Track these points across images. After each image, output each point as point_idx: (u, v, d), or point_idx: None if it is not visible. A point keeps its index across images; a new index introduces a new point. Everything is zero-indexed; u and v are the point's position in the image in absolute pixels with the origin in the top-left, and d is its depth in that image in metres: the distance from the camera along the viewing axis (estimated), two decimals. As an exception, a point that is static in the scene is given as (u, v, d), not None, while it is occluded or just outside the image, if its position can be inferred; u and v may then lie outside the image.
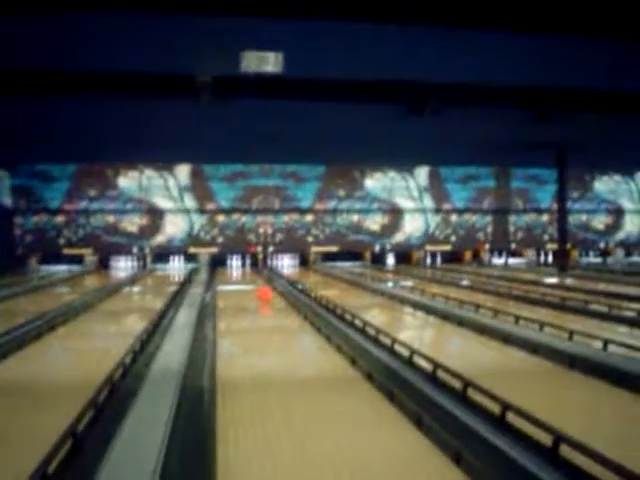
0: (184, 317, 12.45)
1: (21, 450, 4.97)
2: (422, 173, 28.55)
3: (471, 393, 6.17)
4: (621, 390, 6.61)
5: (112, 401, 6.34)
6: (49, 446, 4.56)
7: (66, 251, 26.25)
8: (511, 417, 5.34)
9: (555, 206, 27.37)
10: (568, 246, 26.28)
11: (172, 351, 8.85)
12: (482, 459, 4.40)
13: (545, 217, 30.22)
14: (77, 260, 26.93)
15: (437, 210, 29.04)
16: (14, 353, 8.88)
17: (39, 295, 17.70)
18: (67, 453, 4.76)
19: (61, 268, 26.52)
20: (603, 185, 30.78)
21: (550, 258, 30.60)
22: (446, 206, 28.97)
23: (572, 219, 29.41)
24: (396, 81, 13.44)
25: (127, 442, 5.07)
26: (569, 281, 20.63)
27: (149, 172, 26.23)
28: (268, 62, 10.50)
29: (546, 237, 30.27)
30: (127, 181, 26.17)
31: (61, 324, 11.63)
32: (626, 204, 31.11)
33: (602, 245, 31.11)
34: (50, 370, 8.39)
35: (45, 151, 22.10)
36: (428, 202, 28.77)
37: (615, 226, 31.15)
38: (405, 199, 28.56)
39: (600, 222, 31.00)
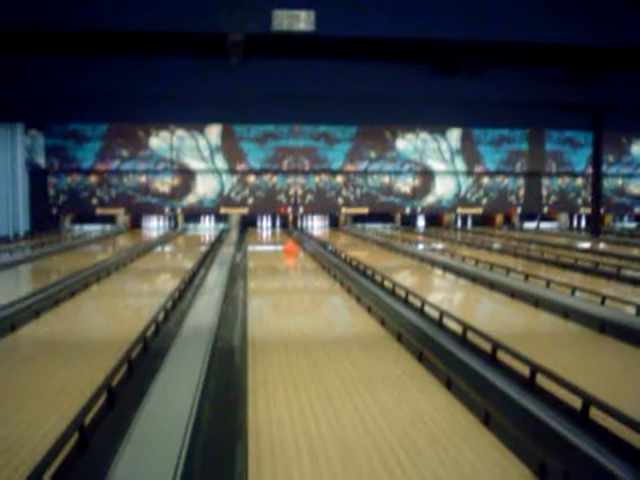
0: (215, 277, 12.58)
1: (58, 403, 5.11)
2: (454, 135, 28.16)
3: (501, 355, 6.17)
4: None
5: (145, 358, 6.48)
6: (84, 400, 4.70)
7: (99, 211, 26.59)
8: (540, 379, 5.35)
9: (590, 170, 26.85)
10: (602, 210, 25.84)
11: (203, 310, 8.98)
12: (510, 420, 4.42)
13: (579, 181, 29.69)
14: (109, 220, 27.33)
15: (469, 172, 28.68)
16: (50, 310, 9.09)
17: (73, 254, 18.03)
18: (102, 406, 4.89)
19: (94, 228, 26.94)
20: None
21: (583, 223, 30.16)
22: (478, 168, 28.59)
23: (607, 183, 28.84)
24: (430, 40, 13.17)
25: (160, 398, 5.18)
26: (602, 246, 20.35)
27: (180, 132, 26.28)
28: (299, 20, 10.36)
29: (580, 201, 29.78)
30: (158, 141, 26.27)
31: (94, 282, 11.86)
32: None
33: (637, 210, 30.50)
34: (84, 327, 8.59)
35: (77, 111, 22.25)
36: (460, 164, 28.42)
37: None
38: (437, 161, 28.25)
39: (636, 186, 30.35)
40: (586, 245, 20.51)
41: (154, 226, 27.76)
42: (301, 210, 27.84)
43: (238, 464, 3.81)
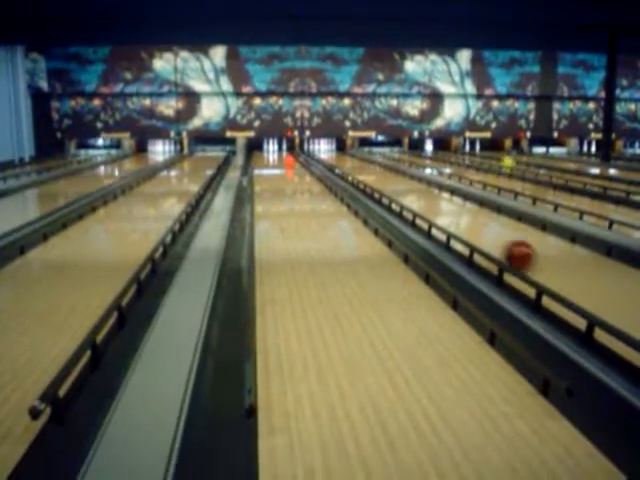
0: (222, 200, 12.57)
1: (68, 324, 5.19)
2: (464, 56, 27.46)
3: (507, 278, 6.20)
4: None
5: (154, 279, 6.54)
6: (95, 320, 4.76)
7: (104, 135, 26.37)
8: (546, 301, 5.38)
9: (602, 94, 26.26)
10: (613, 136, 25.43)
11: (211, 233, 9.01)
12: (516, 340, 4.47)
13: (591, 105, 29.10)
14: (115, 144, 27.13)
15: (478, 95, 28.12)
16: (58, 233, 9.13)
17: (79, 178, 17.98)
18: (113, 326, 4.97)
19: (99, 152, 26.78)
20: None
21: (593, 148, 29.76)
22: (488, 91, 28.02)
23: (619, 108, 28.28)
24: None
25: (169, 318, 5.26)
26: (612, 171, 20.15)
27: (184, 54, 25.70)
28: None
29: (590, 126, 29.28)
30: (162, 63, 25.72)
31: (102, 206, 11.87)
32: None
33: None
34: (93, 250, 8.64)
35: (78, 33, 21.73)
36: (469, 87, 27.83)
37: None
38: (446, 83, 27.66)
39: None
40: (595, 170, 20.31)
41: (160, 150, 27.57)
42: (308, 133, 27.52)
43: (247, 381, 3.89)
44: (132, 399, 3.77)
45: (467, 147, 29.44)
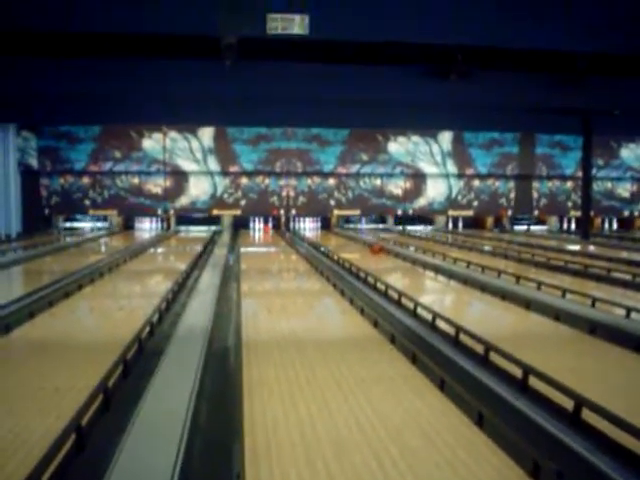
0: (208, 278, 12.62)
1: (53, 405, 5.14)
2: (446, 137, 28.28)
3: (493, 357, 6.25)
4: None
5: (140, 359, 6.51)
6: (81, 401, 4.73)
7: (92, 212, 26.58)
8: (533, 381, 5.42)
9: (579, 173, 27.02)
10: (591, 213, 26.02)
11: (198, 311, 9.02)
12: (504, 421, 4.49)
13: (569, 184, 29.88)
14: (102, 220, 27.35)
15: (460, 175, 28.82)
16: (44, 311, 9.10)
17: (65, 255, 17.99)
18: (98, 408, 4.93)
19: (87, 229, 26.92)
20: (629, 152, 30.25)
21: (573, 225, 30.37)
22: (469, 171, 28.73)
23: (596, 186, 29.07)
24: (423, 44, 13.26)
25: (156, 399, 5.22)
26: (592, 248, 20.51)
27: (173, 134, 26.27)
28: (294, 24, 10.42)
29: (569, 204, 29.97)
30: (151, 143, 26.24)
31: (88, 284, 11.87)
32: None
33: (626, 213, 30.72)
34: (79, 328, 8.59)
35: (70, 113, 22.17)
36: (451, 167, 28.54)
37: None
38: (428, 164, 28.36)
39: (624, 190, 30.58)
40: (576, 248, 20.66)
41: (146, 227, 27.75)
42: (293, 212, 27.90)
43: (235, 464, 3.86)
44: (118, 484, 3.72)
45: (450, 225, 29.93)
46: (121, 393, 5.38)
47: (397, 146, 27.99)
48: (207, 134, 26.53)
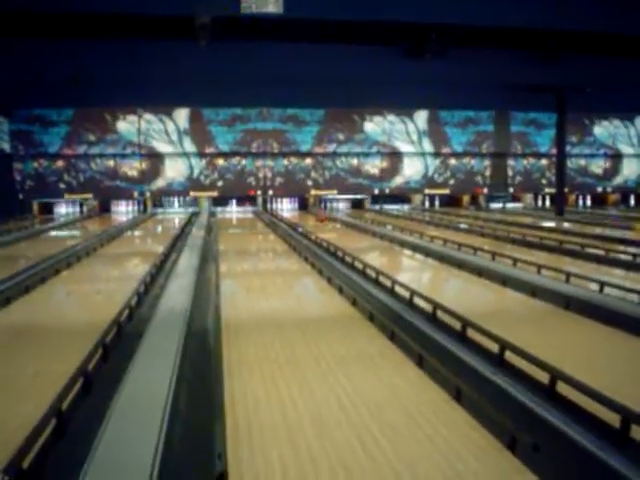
0: (186, 260, 12.57)
1: (33, 390, 5.12)
2: (421, 116, 28.30)
3: (470, 333, 6.32)
4: (615, 329, 6.78)
5: (120, 342, 6.49)
6: (60, 386, 4.71)
7: (67, 196, 26.26)
8: (509, 355, 5.50)
9: (554, 150, 27.24)
10: (565, 190, 26.29)
11: (176, 294, 8.99)
12: (481, 396, 4.56)
13: (544, 161, 30.12)
14: (78, 205, 27.06)
15: (436, 154, 28.91)
16: (21, 297, 9.02)
17: (42, 240, 17.80)
18: (79, 391, 4.92)
19: (62, 212, 26.63)
20: (602, 129, 30.54)
21: (548, 202, 30.68)
22: (445, 150, 28.82)
23: (570, 163, 29.36)
24: (397, 22, 13.24)
25: (136, 381, 5.22)
26: (566, 225, 20.75)
27: (148, 116, 25.96)
28: (268, 3, 10.33)
29: (544, 181, 30.23)
30: (126, 125, 25.93)
31: (65, 268, 11.77)
32: (625, 149, 30.94)
33: (599, 190, 31.09)
34: (57, 313, 8.54)
35: (42, 96, 21.85)
36: (427, 146, 28.60)
37: (613, 171, 31.07)
38: (404, 143, 28.39)
39: (597, 166, 30.91)
40: (551, 224, 20.89)
41: (123, 210, 27.53)
42: (270, 192, 27.83)
43: (216, 445, 3.88)
44: (99, 467, 3.72)
45: (426, 203, 30.07)
46: (101, 377, 5.37)
47: (373, 125, 27.96)
48: (182, 116, 26.26)
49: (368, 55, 15.88)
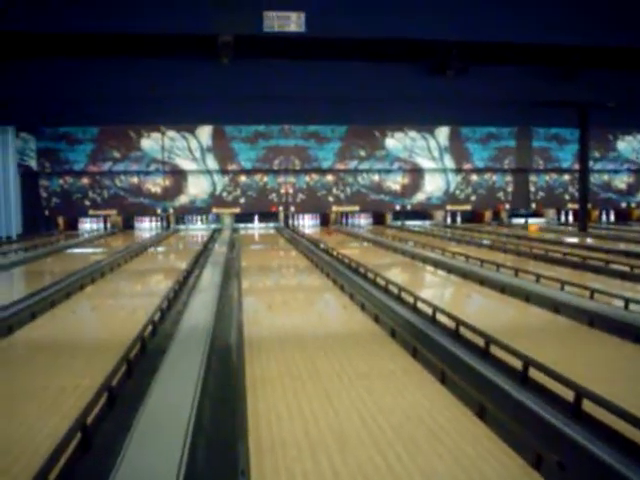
0: (209, 276, 12.66)
1: (58, 404, 5.18)
2: (443, 133, 28.29)
3: (493, 350, 6.29)
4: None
5: (143, 358, 6.55)
6: (85, 401, 4.76)
7: (92, 212, 26.60)
8: (533, 373, 5.47)
9: (576, 166, 27.04)
10: (589, 206, 26.06)
11: (199, 309, 9.06)
12: (505, 413, 4.53)
13: (566, 177, 29.91)
14: (103, 221, 27.39)
15: (457, 170, 28.84)
16: (46, 312, 9.14)
17: (67, 256, 18.02)
18: (103, 407, 4.97)
19: (87, 229, 26.97)
20: (626, 144, 30.28)
21: (571, 218, 30.42)
22: (467, 166, 28.75)
23: (593, 179, 29.12)
24: (419, 40, 13.30)
25: (160, 397, 5.26)
26: (590, 240, 20.56)
27: (171, 134, 26.25)
28: (290, 22, 10.45)
29: (567, 197, 30.01)
30: (149, 143, 26.23)
31: (89, 284, 11.90)
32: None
33: (623, 205, 30.78)
34: (81, 328, 8.65)
35: (69, 114, 22.20)
36: (449, 162, 28.56)
37: (637, 186, 30.75)
38: (426, 159, 28.37)
39: (621, 182, 30.63)
40: (574, 240, 20.71)
41: (146, 227, 27.79)
42: (292, 209, 27.93)
43: (240, 461, 3.90)
44: (125, 481, 3.75)
45: (448, 219, 29.96)
46: (125, 392, 5.42)
47: (394, 142, 27.99)
48: (205, 133, 26.52)
49: (391, 72, 15.96)
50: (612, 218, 30.98)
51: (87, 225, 27.41)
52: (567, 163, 29.34)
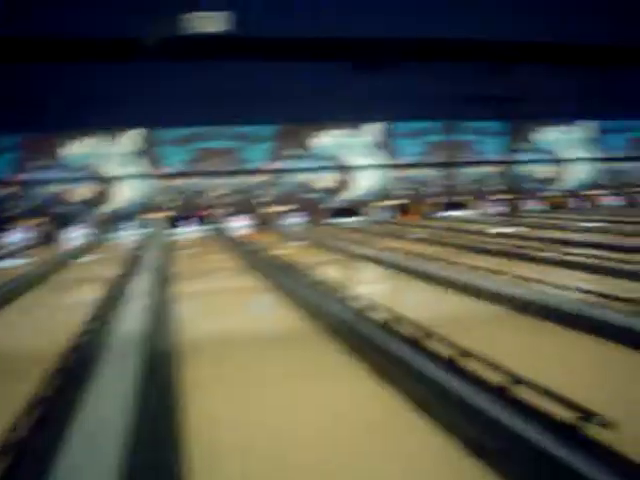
0: (141, 283, 12.40)
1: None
2: (373, 129, 28.59)
3: (429, 341, 6.36)
4: (569, 331, 6.91)
5: (73, 370, 6.35)
6: (9, 419, 4.58)
7: (18, 223, 25.72)
8: (468, 362, 5.55)
9: (501, 157, 27.85)
10: (514, 196, 26.87)
11: (130, 317, 8.86)
12: (441, 402, 4.60)
13: (492, 168, 30.74)
14: (29, 231, 26.46)
15: (388, 165, 29.22)
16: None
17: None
18: (35, 419, 4.79)
19: (12, 239, 26.01)
20: (545, 136, 31.36)
21: (498, 208, 31.25)
22: (397, 161, 29.15)
23: (518, 169, 30.11)
24: (350, 38, 13.40)
25: (92, 410, 5.10)
26: (518, 230, 21.10)
27: (97, 139, 25.62)
28: (214, 22, 10.35)
29: (493, 188, 30.84)
30: (74, 149, 25.55)
31: (16, 297, 11.48)
32: (566, 154, 31.82)
33: (545, 194, 31.88)
34: (8, 342, 8.33)
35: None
36: (380, 158, 28.89)
37: (557, 176, 31.94)
38: (356, 156, 28.62)
39: (542, 172, 31.72)
40: (503, 230, 21.23)
41: (74, 236, 27.00)
42: (223, 211, 27.71)
43: (177, 469, 3.82)
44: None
45: (381, 215, 30.27)
46: (55, 408, 5.23)
47: (324, 140, 28.13)
48: (131, 137, 26.01)
49: (322, 70, 16.04)
50: (537, 207, 32.01)
51: (13, 236, 26.42)
52: (493, 155, 30.16)
